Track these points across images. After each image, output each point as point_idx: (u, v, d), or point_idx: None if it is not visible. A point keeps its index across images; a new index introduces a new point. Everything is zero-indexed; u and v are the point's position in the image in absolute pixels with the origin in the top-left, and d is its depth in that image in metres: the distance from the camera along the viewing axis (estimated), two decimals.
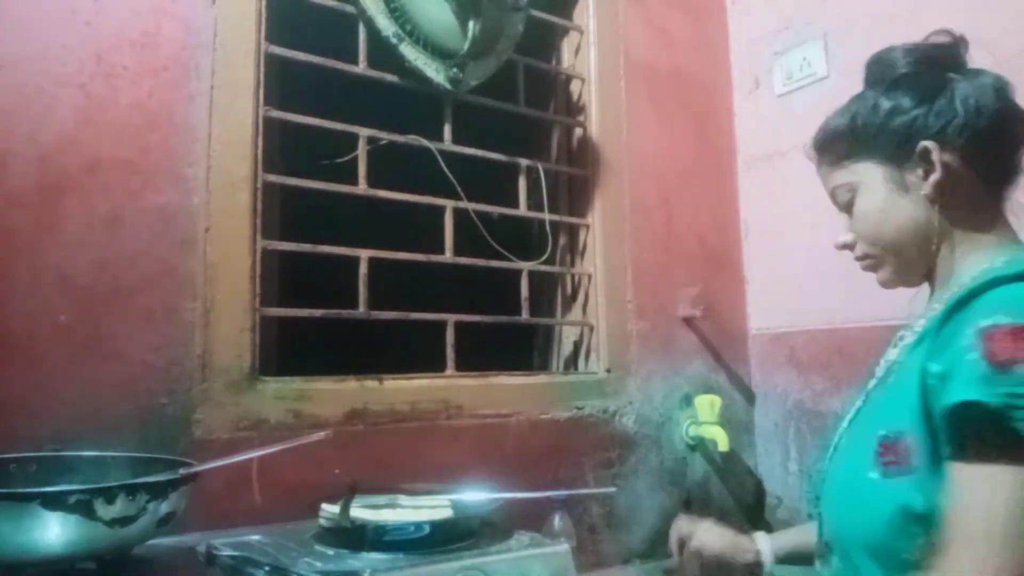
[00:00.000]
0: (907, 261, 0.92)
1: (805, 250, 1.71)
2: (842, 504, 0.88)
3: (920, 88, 0.89)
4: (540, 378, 1.60)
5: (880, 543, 0.80)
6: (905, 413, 0.79)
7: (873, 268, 0.96)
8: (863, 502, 0.82)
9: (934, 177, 0.87)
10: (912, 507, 0.76)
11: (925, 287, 0.95)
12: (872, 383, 0.94)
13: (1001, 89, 0.89)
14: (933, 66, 0.91)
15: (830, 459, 0.93)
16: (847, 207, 0.95)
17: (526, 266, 1.60)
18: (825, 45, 1.73)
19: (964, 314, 0.77)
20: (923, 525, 0.76)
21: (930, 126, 0.87)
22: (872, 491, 0.81)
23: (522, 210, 1.62)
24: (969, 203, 0.88)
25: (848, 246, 0.97)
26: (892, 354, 0.92)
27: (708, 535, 1.12)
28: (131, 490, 0.81)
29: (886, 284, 0.96)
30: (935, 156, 0.86)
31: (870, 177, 0.91)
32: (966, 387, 0.71)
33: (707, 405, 1.69)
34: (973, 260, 0.87)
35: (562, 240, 1.73)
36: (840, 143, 0.94)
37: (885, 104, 0.91)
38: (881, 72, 0.94)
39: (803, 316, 1.74)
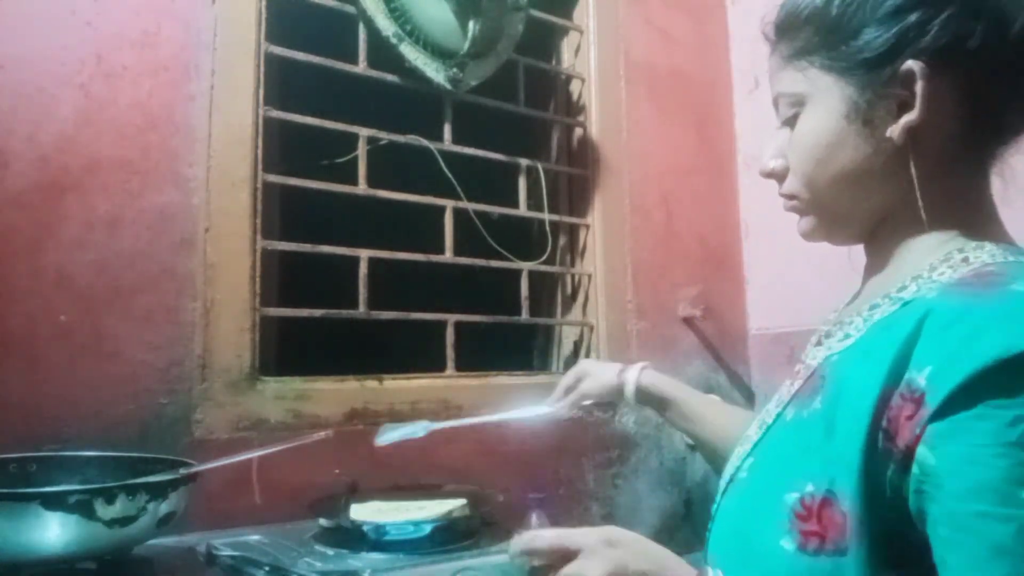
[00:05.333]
0: (839, 217, 0.69)
1: (805, 250, 1.69)
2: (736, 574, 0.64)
3: None
4: (540, 378, 1.60)
5: None
6: (839, 464, 0.56)
7: (797, 212, 0.72)
8: None
9: (908, 117, 0.61)
10: None
11: None
12: (786, 394, 0.69)
13: None
14: None
15: (721, 497, 0.70)
16: (789, 122, 0.70)
17: (526, 266, 1.60)
18: None
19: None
20: None
21: (931, 38, 0.60)
22: (783, 568, 0.58)
23: (522, 210, 1.62)
24: (945, 157, 0.63)
25: (774, 175, 0.73)
26: (814, 357, 0.68)
27: (595, 377, 1.09)
28: (131, 490, 0.81)
29: (807, 236, 0.73)
30: (919, 87, 0.60)
31: (826, 93, 0.65)
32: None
33: None
34: (928, 247, 0.64)
35: (562, 240, 1.73)
36: (804, 31, 0.67)
37: None
38: None
39: (803, 316, 1.74)
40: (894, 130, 0.62)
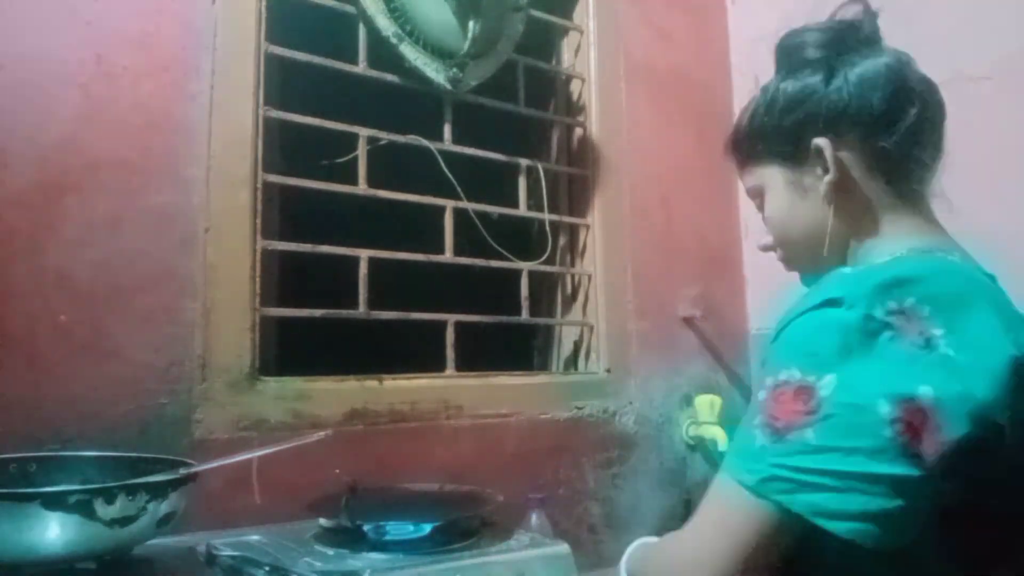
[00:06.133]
0: (813, 260, 0.87)
1: None
2: None
3: (816, 75, 0.82)
4: (540, 378, 1.60)
5: None
6: None
7: (794, 269, 0.93)
8: None
9: (828, 178, 0.81)
10: None
11: None
12: None
13: (897, 67, 0.81)
14: (837, 46, 0.83)
15: None
16: (760, 207, 0.91)
17: (526, 266, 1.60)
18: None
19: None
20: None
21: (823, 120, 0.81)
22: None
23: (522, 210, 1.62)
24: (865, 203, 0.82)
25: (770, 248, 0.94)
26: None
27: None
28: (131, 490, 0.81)
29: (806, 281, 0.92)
30: (828, 153, 0.80)
31: (773, 180, 0.87)
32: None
33: (707, 405, 1.69)
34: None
35: (562, 240, 1.73)
36: (743, 144, 0.90)
37: (781, 97, 0.84)
38: (786, 57, 0.87)
39: None
40: (823, 189, 0.82)
